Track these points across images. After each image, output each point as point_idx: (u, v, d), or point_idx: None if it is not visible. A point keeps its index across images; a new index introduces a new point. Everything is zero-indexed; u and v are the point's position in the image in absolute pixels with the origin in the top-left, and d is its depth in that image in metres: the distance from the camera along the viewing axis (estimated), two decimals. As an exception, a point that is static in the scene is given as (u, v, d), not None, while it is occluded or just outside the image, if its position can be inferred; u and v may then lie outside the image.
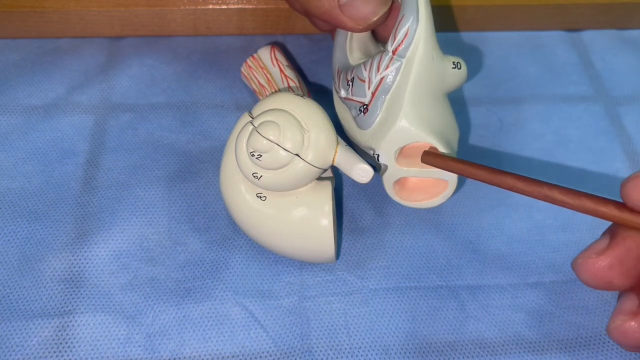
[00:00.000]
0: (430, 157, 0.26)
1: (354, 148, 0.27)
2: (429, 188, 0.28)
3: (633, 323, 0.21)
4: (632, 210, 0.19)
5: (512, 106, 0.36)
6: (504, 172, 0.23)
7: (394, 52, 0.26)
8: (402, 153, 0.27)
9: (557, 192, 0.21)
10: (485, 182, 0.24)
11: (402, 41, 0.26)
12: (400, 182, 0.28)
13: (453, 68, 0.27)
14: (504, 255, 0.30)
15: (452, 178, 0.27)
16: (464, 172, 0.25)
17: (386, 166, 0.27)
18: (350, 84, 0.28)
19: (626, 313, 0.22)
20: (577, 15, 0.39)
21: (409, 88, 0.26)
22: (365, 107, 0.27)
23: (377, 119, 0.27)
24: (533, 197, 0.22)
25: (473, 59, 0.38)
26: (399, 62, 0.26)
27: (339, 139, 0.26)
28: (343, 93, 0.29)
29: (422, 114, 0.26)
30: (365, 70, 0.27)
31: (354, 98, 0.28)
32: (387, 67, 0.26)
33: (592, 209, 0.20)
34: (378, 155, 0.27)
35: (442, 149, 0.26)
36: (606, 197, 0.20)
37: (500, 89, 0.37)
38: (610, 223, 0.22)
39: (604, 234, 0.22)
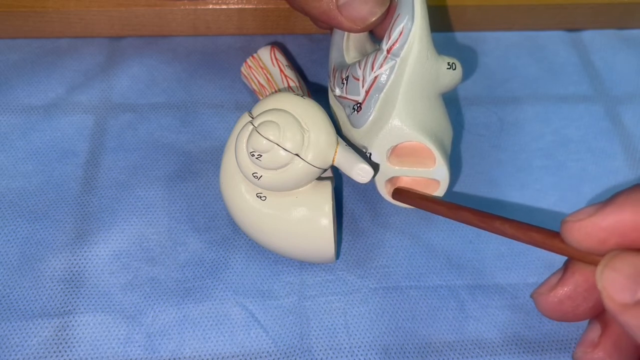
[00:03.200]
0: (400, 194, 0.27)
1: (353, 147, 0.27)
2: (420, 188, 0.28)
3: (597, 353, 0.21)
4: None
5: (512, 106, 0.36)
6: (460, 207, 0.24)
7: (388, 51, 0.26)
8: (394, 152, 0.27)
9: (507, 227, 0.22)
10: (445, 217, 0.25)
11: (396, 40, 0.26)
12: (392, 181, 0.28)
13: (448, 68, 0.27)
14: (504, 256, 0.30)
15: (443, 178, 0.27)
16: (426, 208, 0.26)
17: (378, 165, 0.27)
18: (345, 82, 0.28)
19: (588, 344, 0.22)
20: (577, 15, 0.39)
21: (402, 87, 0.26)
22: (358, 105, 0.27)
23: (370, 118, 0.27)
24: (487, 231, 0.23)
25: (473, 59, 0.38)
26: (393, 61, 0.26)
27: (339, 139, 0.26)
28: (338, 91, 0.29)
29: (415, 113, 0.26)
30: (360, 68, 0.27)
31: (348, 96, 0.28)
32: (381, 66, 0.26)
33: (540, 242, 0.21)
34: (370, 154, 0.27)
35: (434, 148, 0.26)
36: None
37: (500, 89, 0.37)
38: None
39: (561, 267, 0.23)
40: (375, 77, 0.27)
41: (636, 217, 0.18)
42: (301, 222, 0.26)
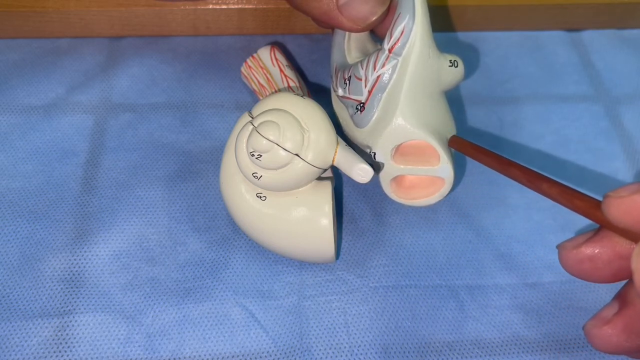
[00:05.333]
0: (455, 142, 0.27)
1: (354, 147, 0.27)
2: (425, 186, 0.28)
3: (606, 330, 0.22)
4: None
5: (512, 106, 0.36)
6: (511, 163, 0.24)
7: (390, 51, 0.26)
8: (398, 151, 0.27)
9: (554, 190, 0.22)
10: (494, 169, 0.25)
11: (398, 39, 0.26)
12: (397, 180, 0.28)
13: (450, 66, 0.27)
14: (503, 256, 0.30)
15: (448, 176, 0.27)
16: (477, 159, 0.26)
17: (383, 164, 0.27)
18: (348, 82, 0.28)
19: (600, 319, 0.22)
20: (577, 15, 0.39)
21: (405, 86, 0.26)
22: (362, 105, 0.27)
23: (374, 117, 0.27)
24: (532, 190, 0.23)
25: (473, 59, 0.38)
26: (395, 61, 0.26)
27: (339, 138, 0.26)
28: (340, 92, 0.29)
29: (419, 111, 0.26)
30: (362, 68, 0.27)
31: (351, 96, 0.28)
32: (383, 66, 0.26)
33: (583, 210, 0.21)
34: (375, 154, 0.27)
35: (438, 146, 0.26)
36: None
37: (500, 89, 0.37)
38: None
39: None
40: (378, 77, 0.27)
41: None
42: (301, 222, 0.26)
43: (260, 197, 0.26)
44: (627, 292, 0.22)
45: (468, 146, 0.27)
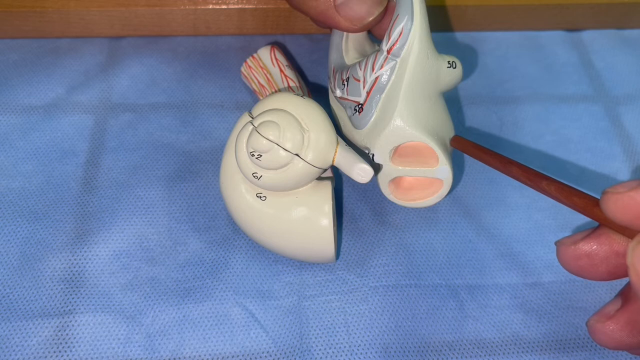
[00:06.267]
0: (457, 142, 0.28)
1: (354, 148, 0.27)
2: (424, 187, 0.28)
3: (609, 325, 0.22)
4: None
5: (512, 106, 0.36)
6: (511, 162, 0.24)
7: (388, 52, 0.26)
8: (397, 152, 0.27)
9: (553, 188, 0.23)
10: (494, 168, 0.25)
11: (396, 40, 0.26)
12: (395, 182, 0.28)
13: (448, 67, 0.27)
14: (503, 255, 0.30)
15: (446, 177, 0.27)
16: (478, 158, 0.26)
17: (381, 165, 0.27)
18: (346, 83, 0.28)
19: (603, 314, 0.23)
20: (577, 15, 0.39)
21: (403, 87, 0.26)
22: (360, 106, 0.27)
23: (372, 119, 0.27)
24: (532, 188, 0.23)
25: (473, 59, 0.38)
26: (394, 62, 0.26)
27: (339, 139, 0.26)
28: (338, 92, 0.29)
29: (417, 113, 0.26)
30: (360, 69, 0.27)
31: (349, 97, 0.28)
32: (381, 67, 0.26)
33: (581, 207, 0.21)
34: (373, 155, 0.27)
35: (436, 148, 0.26)
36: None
37: (500, 89, 0.37)
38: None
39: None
40: (376, 78, 0.27)
41: None
42: (301, 222, 0.26)
43: (260, 197, 0.27)
44: (630, 289, 0.22)
45: (470, 146, 0.27)
